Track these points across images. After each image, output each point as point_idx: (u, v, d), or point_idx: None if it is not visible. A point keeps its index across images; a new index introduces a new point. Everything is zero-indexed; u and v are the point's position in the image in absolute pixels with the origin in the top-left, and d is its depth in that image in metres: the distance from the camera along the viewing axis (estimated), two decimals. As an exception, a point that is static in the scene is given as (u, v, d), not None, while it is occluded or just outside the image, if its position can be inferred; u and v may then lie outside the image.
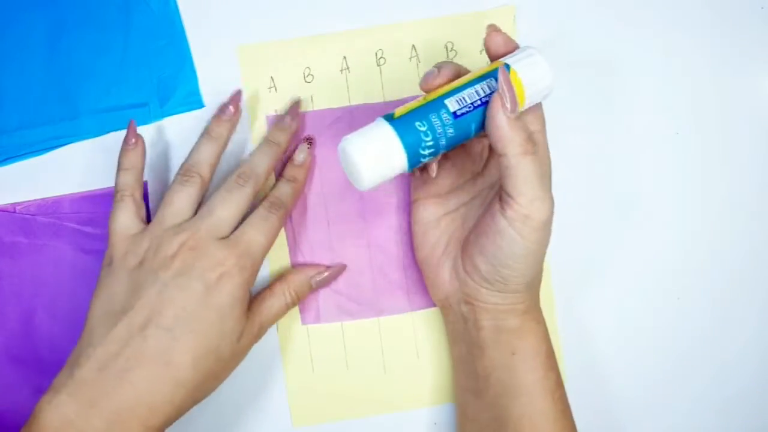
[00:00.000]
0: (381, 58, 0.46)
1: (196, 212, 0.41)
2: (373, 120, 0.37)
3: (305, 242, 0.46)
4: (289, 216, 0.45)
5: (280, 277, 0.44)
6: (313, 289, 0.45)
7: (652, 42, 0.46)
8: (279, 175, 0.45)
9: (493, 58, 0.38)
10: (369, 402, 0.46)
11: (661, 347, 0.46)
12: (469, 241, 0.40)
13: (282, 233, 0.46)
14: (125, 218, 0.41)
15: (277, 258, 0.46)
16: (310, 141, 0.44)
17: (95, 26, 0.46)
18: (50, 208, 0.46)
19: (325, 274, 0.45)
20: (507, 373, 0.40)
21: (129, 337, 0.37)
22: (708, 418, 0.47)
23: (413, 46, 0.46)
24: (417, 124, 0.36)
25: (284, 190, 0.43)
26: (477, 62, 0.46)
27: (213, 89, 0.46)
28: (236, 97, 0.44)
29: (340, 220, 0.46)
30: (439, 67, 0.38)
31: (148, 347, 0.36)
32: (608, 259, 0.46)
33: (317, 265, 0.45)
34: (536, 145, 0.37)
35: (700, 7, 0.46)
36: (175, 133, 0.46)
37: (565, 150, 0.46)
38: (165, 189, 0.45)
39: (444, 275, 0.42)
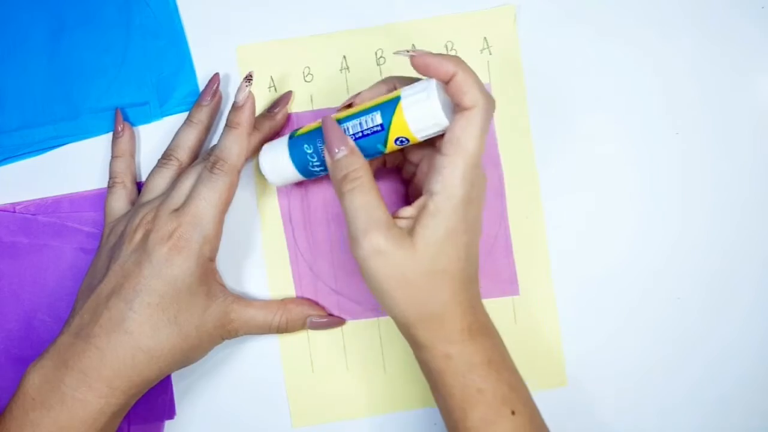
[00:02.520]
0: (381, 57, 0.46)
1: None
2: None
3: (305, 242, 0.46)
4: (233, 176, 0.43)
5: (282, 300, 0.45)
6: (304, 328, 0.45)
7: (653, 42, 0.46)
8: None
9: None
10: (369, 402, 0.46)
11: (660, 347, 0.46)
12: None
13: (282, 233, 0.46)
14: (116, 203, 0.44)
15: (277, 258, 0.46)
16: (249, 78, 0.42)
17: (95, 26, 0.46)
18: (50, 207, 0.46)
19: (324, 320, 0.45)
20: (439, 406, 0.39)
21: (96, 307, 0.40)
22: (708, 418, 0.47)
23: (413, 46, 0.46)
24: (305, 146, 0.40)
25: (225, 142, 0.42)
26: (477, 62, 0.46)
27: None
28: (212, 82, 0.45)
29: (340, 219, 0.46)
30: (374, 84, 0.40)
31: (111, 317, 0.39)
32: (608, 258, 0.46)
33: (321, 308, 0.46)
34: (357, 180, 0.37)
35: (700, 7, 0.46)
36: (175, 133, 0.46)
37: (565, 150, 0.46)
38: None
39: None
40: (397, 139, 0.38)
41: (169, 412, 0.46)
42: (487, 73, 0.46)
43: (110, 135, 0.46)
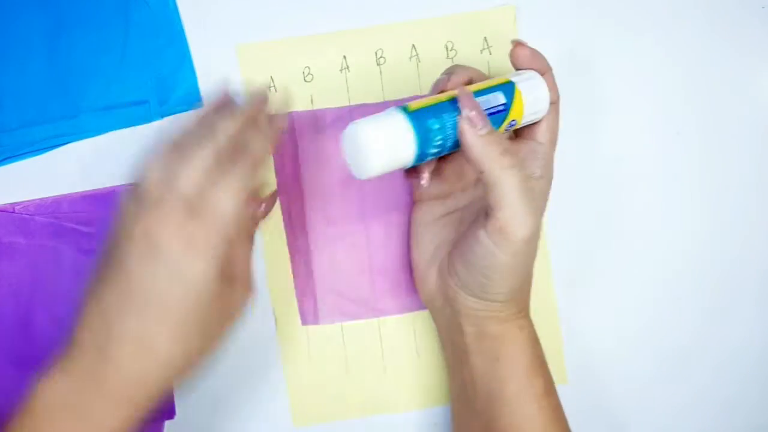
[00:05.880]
0: (381, 57, 0.46)
1: None
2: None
3: (305, 241, 0.46)
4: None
5: None
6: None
7: (653, 42, 0.46)
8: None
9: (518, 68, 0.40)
10: (369, 402, 0.46)
11: (660, 347, 0.46)
12: (456, 245, 0.41)
13: (281, 233, 0.46)
14: None
15: (277, 257, 0.46)
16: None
17: (94, 25, 0.45)
18: (49, 208, 0.46)
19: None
20: (491, 380, 0.40)
21: (108, 317, 0.36)
22: (708, 418, 0.47)
23: (413, 46, 0.46)
24: (431, 120, 0.36)
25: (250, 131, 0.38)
26: (477, 62, 0.46)
27: (213, 89, 0.46)
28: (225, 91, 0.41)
29: (339, 219, 0.46)
30: (450, 72, 0.39)
31: (128, 329, 0.36)
32: (608, 258, 0.46)
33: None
34: (522, 161, 0.38)
35: (700, 7, 0.46)
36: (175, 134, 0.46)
37: (565, 150, 0.46)
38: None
39: (431, 276, 0.42)
40: (511, 122, 0.39)
41: (169, 412, 0.46)
42: (487, 73, 0.46)
43: (109, 135, 0.46)
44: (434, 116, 0.36)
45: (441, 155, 0.38)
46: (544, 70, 0.40)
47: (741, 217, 0.46)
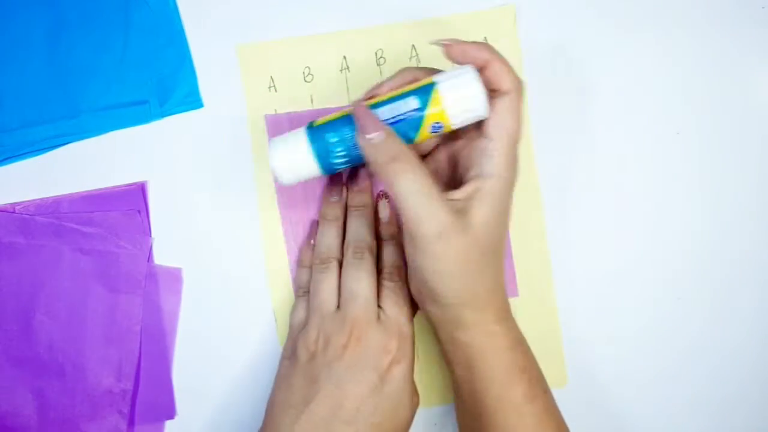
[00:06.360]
0: (381, 57, 0.46)
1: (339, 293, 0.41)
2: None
3: (305, 243, 0.46)
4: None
5: None
6: None
7: (653, 42, 0.46)
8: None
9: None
10: (369, 402, 0.46)
11: (660, 347, 0.46)
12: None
13: (281, 234, 0.46)
14: (302, 312, 0.43)
15: (277, 257, 0.46)
16: (386, 196, 0.45)
17: (95, 25, 0.45)
18: (49, 208, 0.46)
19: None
20: (472, 390, 0.40)
21: (313, 430, 0.38)
22: (708, 418, 0.47)
23: (413, 46, 0.46)
24: (329, 134, 0.38)
25: (389, 252, 0.43)
26: (477, 62, 0.46)
27: (212, 89, 0.46)
28: (338, 180, 0.45)
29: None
30: (391, 77, 0.39)
31: None
32: (608, 258, 0.46)
33: None
34: (408, 163, 0.36)
35: (700, 7, 0.46)
36: (175, 133, 0.46)
37: (565, 150, 0.46)
38: (166, 191, 0.45)
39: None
40: (432, 126, 0.38)
41: (169, 412, 0.46)
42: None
43: (110, 134, 0.46)
44: (333, 130, 0.38)
45: (358, 164, 0.39)
46: (485, 62, 0.37)
47: (741, 217, 0.46)
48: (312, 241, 0.45)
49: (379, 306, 0.41)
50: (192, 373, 0.46)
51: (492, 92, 0.37)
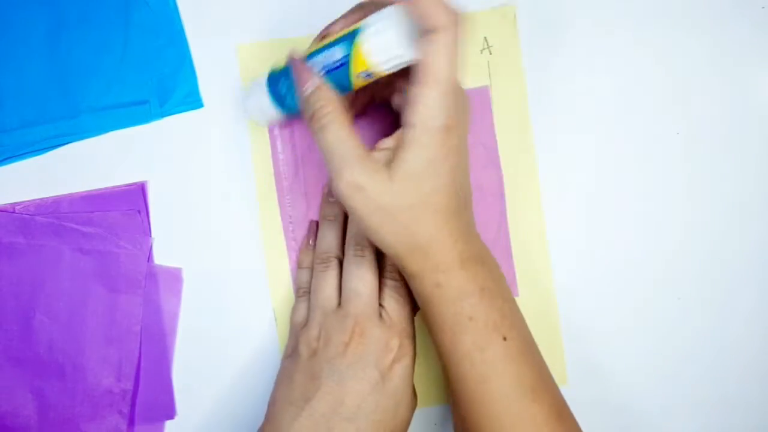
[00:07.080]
0: (381, 57, 0.46)
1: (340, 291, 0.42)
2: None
3: (304, 238, 0.46)
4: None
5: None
6: None
7: (653, 41, 0.46)
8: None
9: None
10: (369, 402, 0.46)
11: (660, 347, 0.46)
12: None
13: (281, 233, 0.46)
14: (303, 311, 0.43)
15: (277, 257, 0.46)
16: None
17: (95, 25, 0.45)
18: (49, 208, 0.46)
19: None
20: (434, 339, 0.39)
21: (314, 427, 0.38)
22: (707, 417, 0.47)
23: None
24: (282, 81, 0.39)
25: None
26: (477, 62, 0.46)
27: (212, 89, 0.46)
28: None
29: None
30: (344, 15, 0.39)
31: None
32: (609, 258, 0.46)
33: None
34: (327, 117, 0.36)
35: (700, 8, 0.46)
36: (175, 134, 0.46)
37: (565, 150, 0.46)
38: (166, 191, 0.45)
39: None
40: (360, 74, 0.37)
41: (169, 412, 0.46)
42: (487, 73, 0.46)
43: (110, 134, 0.46)
44: (284, 77, 0.39)
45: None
46: None
47: (741, 217, 0.46)
48: (311, 242, 0.45)
49: (380, 304, 0.41)
50: (192, 373, 0.46)
51: (423, 31, 0.34)
